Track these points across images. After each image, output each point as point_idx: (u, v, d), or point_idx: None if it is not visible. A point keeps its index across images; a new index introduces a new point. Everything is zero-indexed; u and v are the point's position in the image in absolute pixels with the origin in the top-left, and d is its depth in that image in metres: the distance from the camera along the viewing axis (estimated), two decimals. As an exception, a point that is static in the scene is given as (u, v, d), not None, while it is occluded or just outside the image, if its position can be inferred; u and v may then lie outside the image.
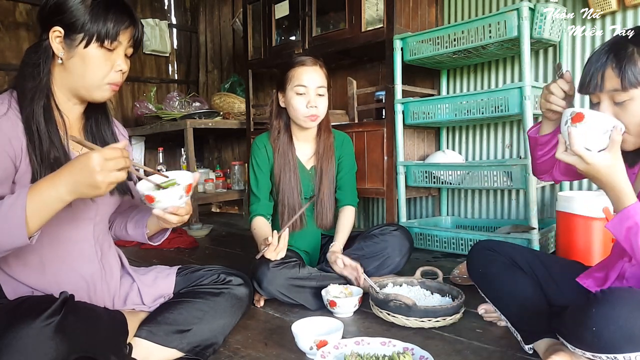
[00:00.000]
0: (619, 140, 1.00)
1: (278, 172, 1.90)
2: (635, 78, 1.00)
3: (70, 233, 1.15)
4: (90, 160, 0.89)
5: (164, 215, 1.10)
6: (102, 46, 1.08)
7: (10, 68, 3.71)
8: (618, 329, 0.90)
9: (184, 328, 1.21)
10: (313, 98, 1.82)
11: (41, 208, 0.92)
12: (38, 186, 0.92)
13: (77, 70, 1.09)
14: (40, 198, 0.91)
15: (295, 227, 1.87)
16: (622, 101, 1.03)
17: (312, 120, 1.84)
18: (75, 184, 0.91)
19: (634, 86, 1.01)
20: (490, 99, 2.14)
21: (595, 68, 1.05)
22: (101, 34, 1.06)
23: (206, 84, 4.75)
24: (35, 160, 1.04)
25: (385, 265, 1.80)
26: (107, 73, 1.11)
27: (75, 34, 1.06)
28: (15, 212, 0.90)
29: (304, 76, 1.83)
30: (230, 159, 4.43)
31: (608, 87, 1.04)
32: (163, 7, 4.66)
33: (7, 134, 1.02)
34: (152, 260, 2.48)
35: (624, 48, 1.01)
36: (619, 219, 1.00)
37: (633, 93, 1.02)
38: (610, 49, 1.04)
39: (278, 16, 3.04)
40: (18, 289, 1.10)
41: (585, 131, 0.99)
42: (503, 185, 2.17)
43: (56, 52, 1.08)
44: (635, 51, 1.00)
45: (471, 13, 2.66)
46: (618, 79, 1.01)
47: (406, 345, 1.18)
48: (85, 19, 1.05)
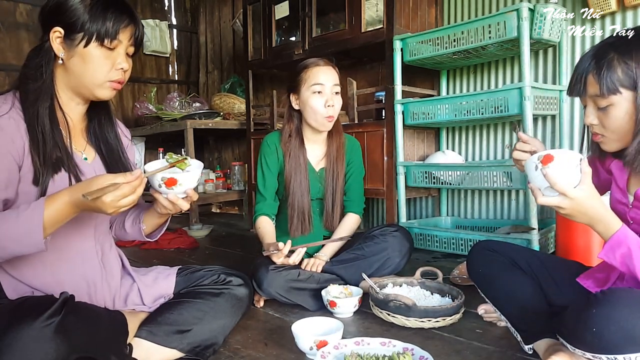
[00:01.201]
0: (589, 170, 1.02)
1: (289, 176, 1.89)
2: (613, 85, 1.03)
3: (71, 233, 1.15)
4: (103, 206, 0.95)
5: (177, 200, 1.12)
6: (102, 45, 1.08)
7: (11, 68, 3.71)
8: (618, 329, 0.90)
9: (184, 328, 1.21)
10: (330, 97, 1.83)
11: (54, 222, 0.97)
12: (52, 201, 0.97)
13: (78, 70, 1.09)
14: (54, 214, 0.96)
15: (305, 230, 1.87)
16: (603, 107, 1.06)
17: (329, 121, 1.85)
18: (87, 210, 0.99)
19: (612, 92, 1.03)
20: (490, 100, 2.14)
21: (579, 73, 1.09)
22: (101, 33, 1.06)
23: (206, 84, 4.76)
24: (38, 161, 1.04)
25: (385, 265, 1.80)
26: (107, 71, 1.11)
27: (75, 34, 1.07)
28: (34, 219, 0.94)
29: (321, 75, 1.83)
30: (230, 160, 4.43)
31: (590, 93, 1.07)
32: (163, 7, 4.66)
33: (10, 133, 1.02)
34: (152, 260, 2.48)
35: (606, 55, 1.04)
36: (610, 247, 1.01)
37: (612, 99, 1.04)
38: (594, 54, 1.06)
39: (278, 17, 3.04)
40: (19, 288, 1.10)
41: (559, 169, 1.00)
42: (503, 185, 2.17)
43: (57, 52, 1.08)
44: (616, 58, 1.02)
45: (471, 14, 2.66)
46: (597, 85, 1.04)
47: (406, 346, 1.18)
48: (85, 18, 1.06)
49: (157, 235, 1.34)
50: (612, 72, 1.02)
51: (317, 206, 1.97)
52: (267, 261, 1.69)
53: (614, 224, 1.02)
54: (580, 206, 1.02)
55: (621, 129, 1.06)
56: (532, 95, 2.04)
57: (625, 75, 1.02)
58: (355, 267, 1.76)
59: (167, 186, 1.07)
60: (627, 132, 1.06)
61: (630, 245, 0.99)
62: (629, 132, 1.06)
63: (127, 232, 1.32)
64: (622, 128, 1.06)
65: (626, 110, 1.04)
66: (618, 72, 1.02)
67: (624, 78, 1.02)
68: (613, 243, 1.01)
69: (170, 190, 1.08)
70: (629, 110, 1.04)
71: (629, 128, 1.05)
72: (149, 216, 1.26)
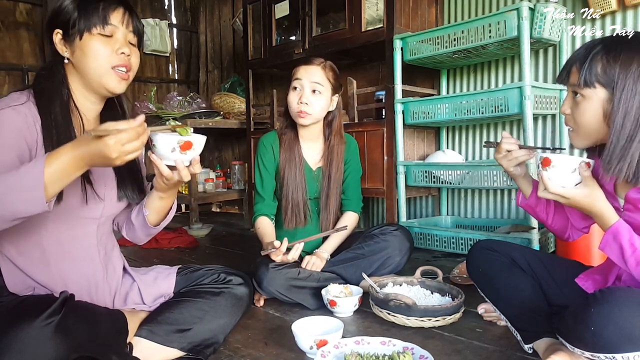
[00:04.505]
0: (588, 174, 1.07)
1: (283, 167, 1.90)
2: (591, 78, 1.04)
3: (74, 231, 1.15)
4: (107, 148, 0.89)
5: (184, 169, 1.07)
6: (98, 33, 1.10)
7: (11, 68, 3.71)
8: (617, 328, 0.91)
9: (185, 327, 1.21)
10: (306, 94, 1.83)
11: (59, 176, 0.91)
12: (56, 155, 0.91)
13: (82, 63, 1.11)
14: (58, 167, 0.90)
15: (299, 223, 1.88)
16: (577, 97, 1.09)
17: (300, 116, 1.84)
18: (92, 161, 0.92)
19: (587, 85, 1.05)
20: (490, 99, 2.14)
21: (567, 62, 1.12)
22: (91, 21, 1.09)
23: (206, 83, 4.76)
24: None
25: (385, 265, 1.80)
26: (108, 57, 1.11)
27: (70, 30, 1.10)
28: (34, 177, 0.89)
29: (301, 71, 1.85)
30: (231, 159, 4.43)
31: (571, 81, 1.10)
32: (163, 7, 4.66)
33: (26, 120, 1.04)
34: (152, 260, 2.48)
35: (594, 49, 1.05)
36: (606, 240, 1.07)
37: (586, 91, 1.06)
38: (586, 46, 1.08)
39: (278, 16, 3.04)
40: (21, 281, 1.10)
41: (555, 173, 1.08)
42: (503, 185, 2.17)
43: (61, 52, 1.12)
44: (601, 54, 1.04)
45: (471, 13, 2.66)
46: (578, 75, 1.07)
47: (406, 345, 1.19)
48: (75, 13, 1.09)
49: (163, 224, 1.29)
50: (593, 66, 1.04)
51: (315, 205, 1.97)
52: (267, 260, 1.69)
53: (611, 218, 1.07)
54: (578, 203, 1.09)
55: (588, 125, 1.08)
56: (532, 94, 2.04)
57: (604, 72, 1.03)
58: (355, 267, 1.76)
59: (182, 150, 1.04)
60: (594, 130, 1.08)
61: (622, 238, 1.04)
62: (595, 132, 1.08)
63: (135, 226, 1.28)
64: (589, 125, 1.08)
65: (595, 107, 1.06)
66: (598, 68, 1.03)
67: (602, 75, 1.03)
68: (609, 236, 1.06)
69: (184, 156, 1.05)
70: (598, 109, 1.05)
71: (596, 127, 1.07)
72: (150, 200, 1.22)
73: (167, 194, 1.20)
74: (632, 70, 1.00)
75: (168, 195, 1.20)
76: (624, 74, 1.00)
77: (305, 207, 1.89)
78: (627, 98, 1.00)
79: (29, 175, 0.89)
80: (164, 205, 1.23)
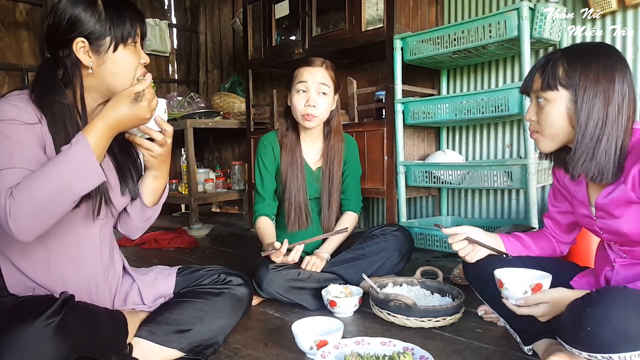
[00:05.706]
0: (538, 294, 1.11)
1: (285, 170, 1.90)
2: (552, 81, 1.09)
3: (77, 231, 1.15)
4: (142, 110, 1.04)
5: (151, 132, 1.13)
6: (127, 45, 1.11)
7: (11, 68, 3.70)
8: (613, 328, 0.91)
9: (184, 328, 1.21)
10: (313, 97, 1.82)
11: (101, 148, 1.01)
12: (90, 129, 0.99)
13: (111, 74, 1.11)
14: (96, 140, 0.99)
15: (302, 225, 1.88)
16: (541, 102, 1.13)
17: (307, 119, 1.84)
18: (127, 124, 1.05)
19: (550, 88, 1.10)
20: (490, 99, 2.14)
21: (530, 71, 1.17)
22: (124, 35, 1.10)
23: (206, 83, 4.75)
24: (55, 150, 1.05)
25: (385, 265, 1.80)
26: (136, 68, 1.14)
27: (99, 41, 1.08)
28: (84, 153, 0.96)
29: (306, 74, 1.84)
30: (231, 159, 4.43)
31: (534, 88, 1.15)
32: (163, 6, 4.66)
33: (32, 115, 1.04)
34: (152, 260, 2.48)
35: (554, 55, 1.11)
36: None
37: (549, 94, 1.10)
38: (547, 55, 1.14)
39: (278, 16, 3.04)
40: (21, 282, 1.10)
41: (511, 294, 1.14)
42: (503, 185, 2.16)
43: (85, 62, 1.09)
44: (562, 59, 1.09)
45: (471, 13, 2.66)
46: (540, 80, 1.12)
47: (406, 345, 1.19)
48: (106, 27, 1.08)
49: (160, 203, 1.29)
50: (554, 70, 1.09)
51: (315, 206, 1.97)
52: (267, 261, 1.69)
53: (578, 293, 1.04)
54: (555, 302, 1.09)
55: (553, 127, 1.12)
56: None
57: (565, 75, 1.08)
58: (355, 267, 1.76)
59: None
60: (559, 132, 1.12)
61: None
62: (561, 133, 1.12)
63: (131, 216, 1.28)
64: (555, 127, 1.12)
65: (559, 108, 1.10)
66: (560, 71, 1.09)
67: (564, 77, 1.08)
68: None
69: (149, 123, 1.11)
70: (562, 110, 1.10)
71: (561, 129, 1.11)
72: (145, 183, 1.24)
73: (160, 171, 1.23)
74: (592, 71, 1.05)
75: (161, 174, 1.24)
76: (584, 75, 1.06)
77: (306, 209, 1.89)
78: (589, 98, 1.05)
79: (78, 152, 0.95)
80: (158, 186, 1.26)
